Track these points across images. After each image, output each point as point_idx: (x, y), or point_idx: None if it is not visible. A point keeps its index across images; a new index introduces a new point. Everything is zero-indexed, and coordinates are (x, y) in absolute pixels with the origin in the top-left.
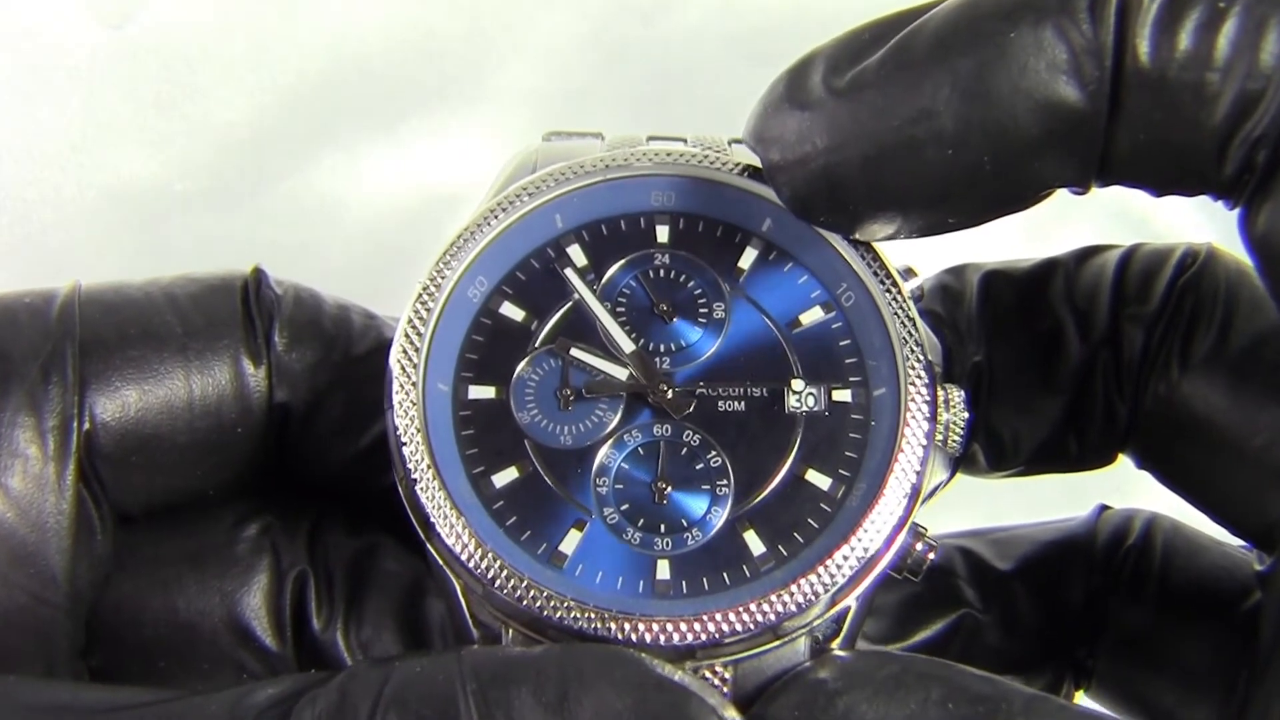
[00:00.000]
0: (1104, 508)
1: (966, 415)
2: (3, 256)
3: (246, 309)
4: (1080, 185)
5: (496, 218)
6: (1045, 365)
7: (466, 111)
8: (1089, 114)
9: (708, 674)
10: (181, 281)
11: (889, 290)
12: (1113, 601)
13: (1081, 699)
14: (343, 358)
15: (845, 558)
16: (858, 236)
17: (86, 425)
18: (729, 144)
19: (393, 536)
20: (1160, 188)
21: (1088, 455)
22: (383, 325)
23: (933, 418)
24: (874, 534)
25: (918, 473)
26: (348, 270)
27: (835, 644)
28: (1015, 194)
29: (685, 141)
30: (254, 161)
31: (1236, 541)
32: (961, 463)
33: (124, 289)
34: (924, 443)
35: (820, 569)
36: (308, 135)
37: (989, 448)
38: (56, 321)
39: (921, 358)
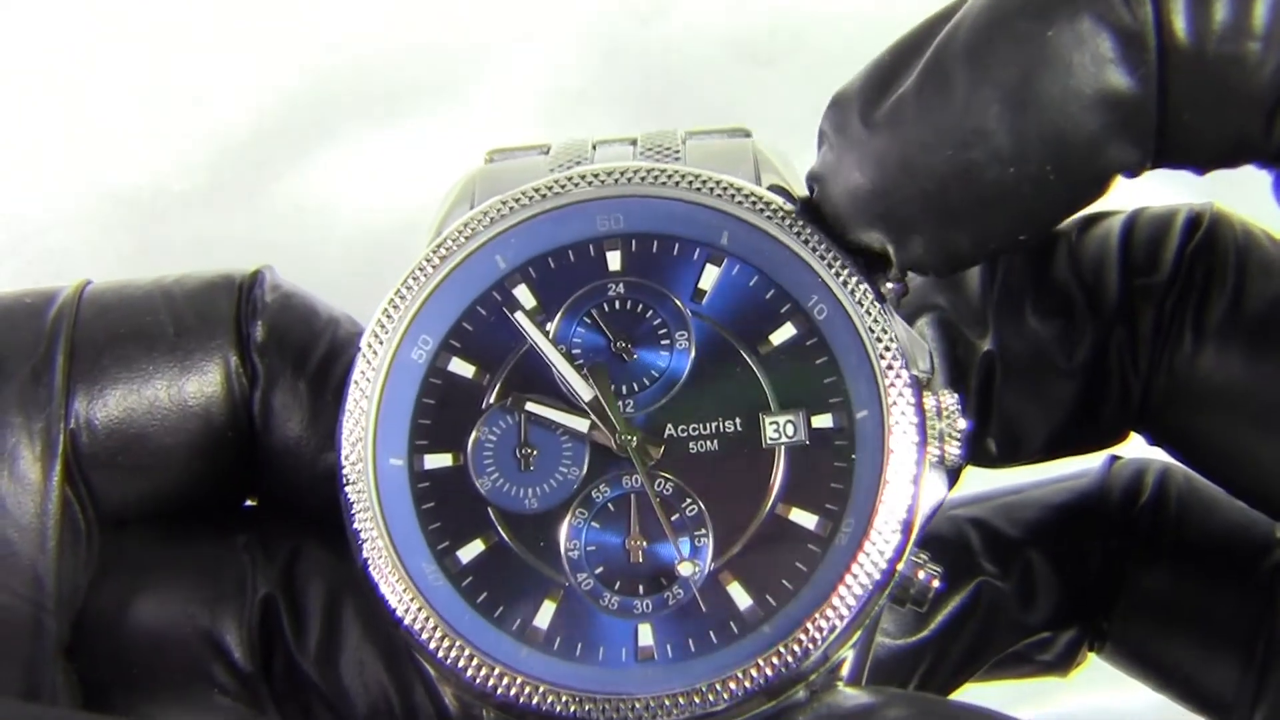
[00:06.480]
0: (1114, 459)
1: (963, 424)
2: (1, 256)
3: (239, 309)
4: (1137, 169)
5: (434, 267)
6: (1057, 345)
7: (466, 111)
8: (1143, 97)
9: None
10: (183, 279)
11: (861, 300)
12: (1129, 562)
13: (1095, 661)
14: (316, 372)
15: (835, 608)
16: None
17: (72, 425)
18: (683, 140)
19: None
20: (1207, 165)
21: (1100, 436)
22: None
23: (923, 438)
24: (865, 576)
25: (909, 507)
26: (347, 270)
27: (842, 673)
28: (1083, 193)
29: (635, 143)
30: (254, 161)
31: None
32: (965, 465)
33: (126, 288)
34: (914, 470)
35: (810, 625)
36: (307, 135)
37: (1003, 438)
38: (52, 321)
39: (904, 372)
